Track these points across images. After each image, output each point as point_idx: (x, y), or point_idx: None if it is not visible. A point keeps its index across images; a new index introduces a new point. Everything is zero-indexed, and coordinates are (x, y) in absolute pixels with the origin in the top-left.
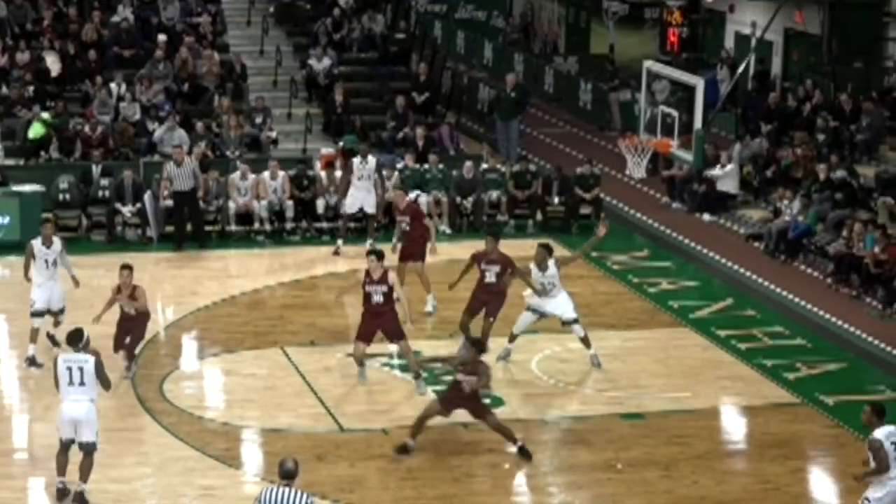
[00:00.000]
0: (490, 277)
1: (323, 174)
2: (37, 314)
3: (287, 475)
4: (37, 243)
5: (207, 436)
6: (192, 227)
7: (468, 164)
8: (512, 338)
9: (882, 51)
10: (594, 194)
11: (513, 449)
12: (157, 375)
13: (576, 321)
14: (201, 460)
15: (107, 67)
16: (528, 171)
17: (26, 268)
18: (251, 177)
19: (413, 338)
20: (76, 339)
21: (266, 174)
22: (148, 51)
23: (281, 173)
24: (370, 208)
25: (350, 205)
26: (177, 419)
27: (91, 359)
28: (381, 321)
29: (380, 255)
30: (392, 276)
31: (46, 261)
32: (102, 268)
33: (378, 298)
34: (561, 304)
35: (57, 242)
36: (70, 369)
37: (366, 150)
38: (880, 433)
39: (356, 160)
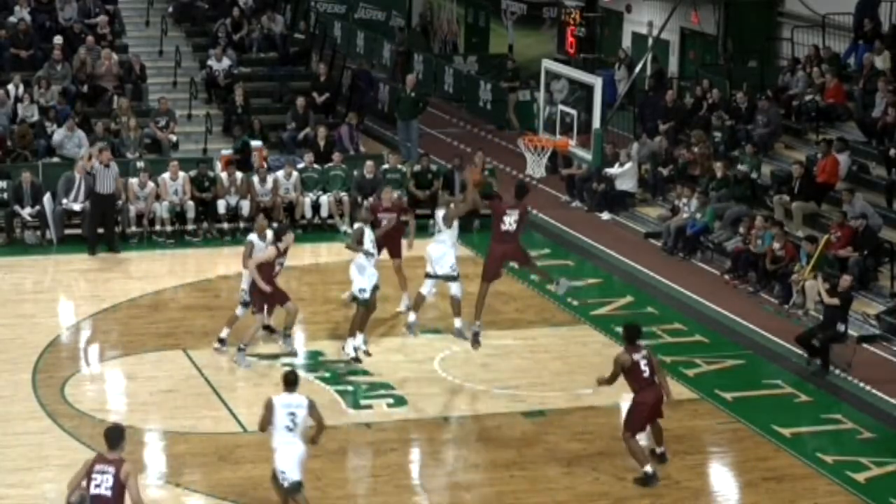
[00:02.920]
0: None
1: (224, 175)
2: None
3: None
4: None
5: None
6: (104, 231)
7: (369, 163)
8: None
9: (776, 50)
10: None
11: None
12: (58, 378)
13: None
14: None
15: (3, 69)
16: (428, 170)
17: None
18: (150, 185)
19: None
20: None
21: (166, 175)
22: (46, 52)
23: (181, 174)
24: None
25: None
26: (79, 422)
27: None
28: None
29: None
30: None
31: None
32: (1, 270)
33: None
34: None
35: None
36: None
37: None
38: (277, 399)
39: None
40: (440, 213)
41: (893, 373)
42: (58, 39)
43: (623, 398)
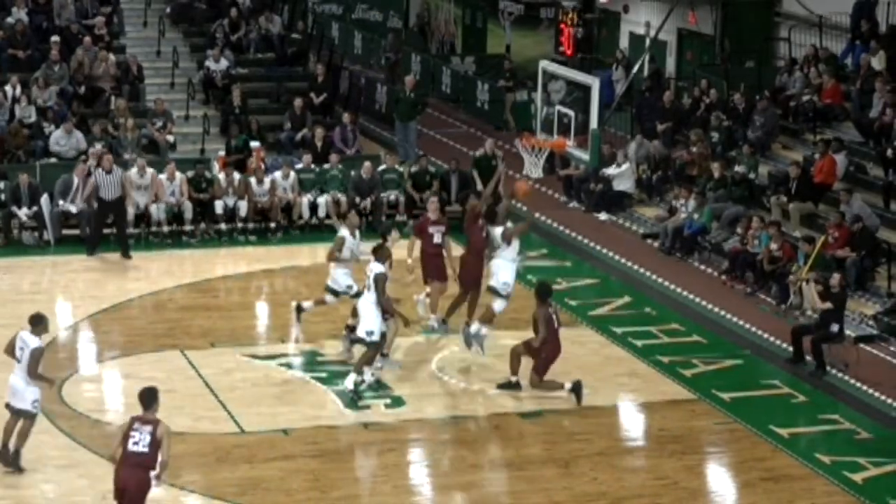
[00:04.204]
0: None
1: (221, 176)
2: None
3: None
4: None
5: (107, 439)
6: (117, 235)
7: (367, 164)
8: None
9: (773, 50)
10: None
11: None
12: (55, 379)
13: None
14: (101, 464)
15: (1, 70)
16: (427, 171)
17: None
18: (149, 172)
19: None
20: None
21: (163, 176)
22: (43, 52)
23: (178, 175)
24: None
25: None
26: (76, 423)
27: None
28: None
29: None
30: None
31: None
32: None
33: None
34: None
35: None
36: None
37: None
38: (20, 333)
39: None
40: (497, 231)
41: (891, 373)
42: (55, 39)
43: (621, 399)
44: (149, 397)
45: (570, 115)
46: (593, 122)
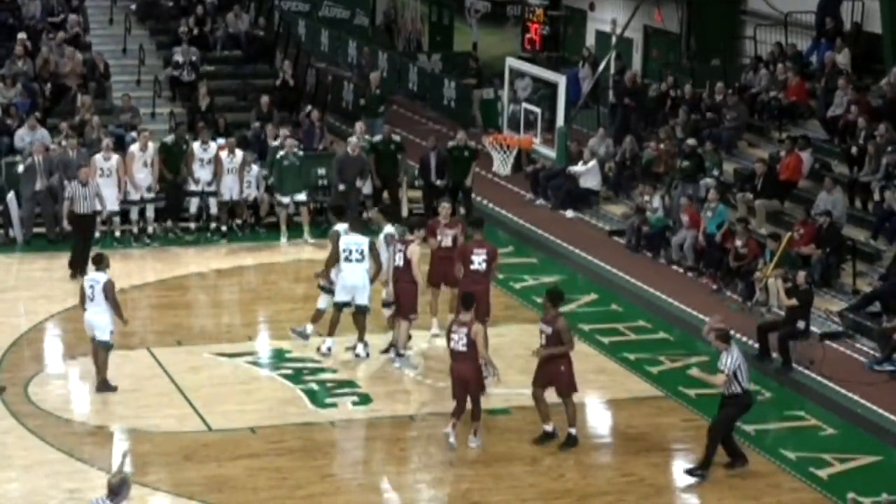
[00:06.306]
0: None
1: (196, 144)
2: None
3: (111, 490)
4: None
5: (74, 438)
6: (82, 252)
7: (352, 140)
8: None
9: (739, 48)
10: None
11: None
12: (22, 378)
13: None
14: (68, 463)
15: None
16: (391, 140)
17: None
18: (114, 156)
19: None
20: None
21: (135, 146)
22: (9, 50)
23: (151, 145)
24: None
25: None
26: (43, 422)
27: None
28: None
29: None
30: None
31: None
32: None
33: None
34: None
35: None
36: None
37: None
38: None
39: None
40: None
41: (856, 370)
42: (21, 36)
43: (588, 396)
44: (467, 302)
45: (537, 112)
46: (560, 120)
